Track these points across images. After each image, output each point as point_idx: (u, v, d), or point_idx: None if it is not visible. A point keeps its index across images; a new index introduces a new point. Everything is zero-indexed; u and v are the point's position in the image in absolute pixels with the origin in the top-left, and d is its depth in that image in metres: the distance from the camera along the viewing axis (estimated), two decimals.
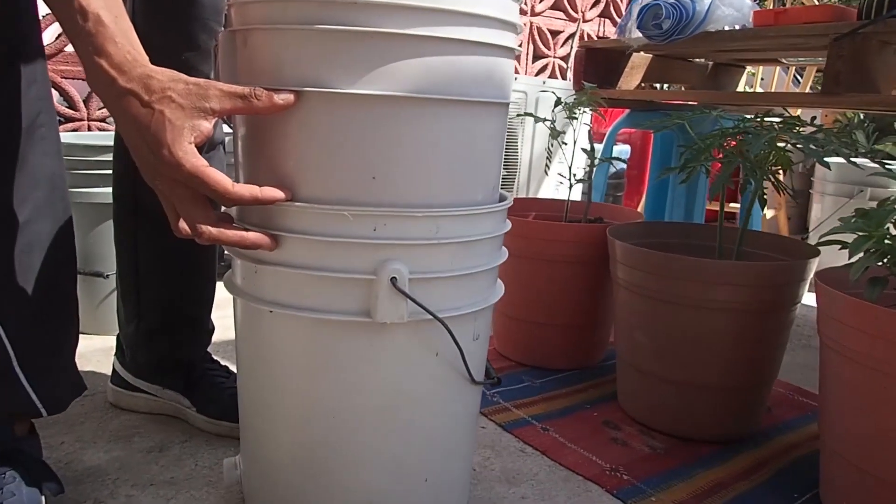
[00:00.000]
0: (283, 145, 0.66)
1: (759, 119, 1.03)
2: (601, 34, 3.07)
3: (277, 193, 0.64)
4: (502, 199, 0.77)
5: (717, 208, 1.12)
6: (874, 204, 1.59)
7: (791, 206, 2.49)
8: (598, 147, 1.53)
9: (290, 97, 0.62)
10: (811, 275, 1.00)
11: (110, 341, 1.27)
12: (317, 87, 0.63)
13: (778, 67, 2.44)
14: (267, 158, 0.67)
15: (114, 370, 1.07)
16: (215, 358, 1.07)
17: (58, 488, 0.77)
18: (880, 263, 0.78)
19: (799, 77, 2.47)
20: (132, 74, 0.58)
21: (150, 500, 0.82)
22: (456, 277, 0.70)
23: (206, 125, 0.59)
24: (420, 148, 0.65)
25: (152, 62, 0.59)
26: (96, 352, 1.26)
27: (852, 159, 0.98)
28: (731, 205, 2.34)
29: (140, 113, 0.58)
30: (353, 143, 0.64)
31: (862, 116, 2.45)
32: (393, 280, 0.65)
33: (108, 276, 1.32)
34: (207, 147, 0.99)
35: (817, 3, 2.05)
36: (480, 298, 0.74)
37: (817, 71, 2.26)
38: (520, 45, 2.05)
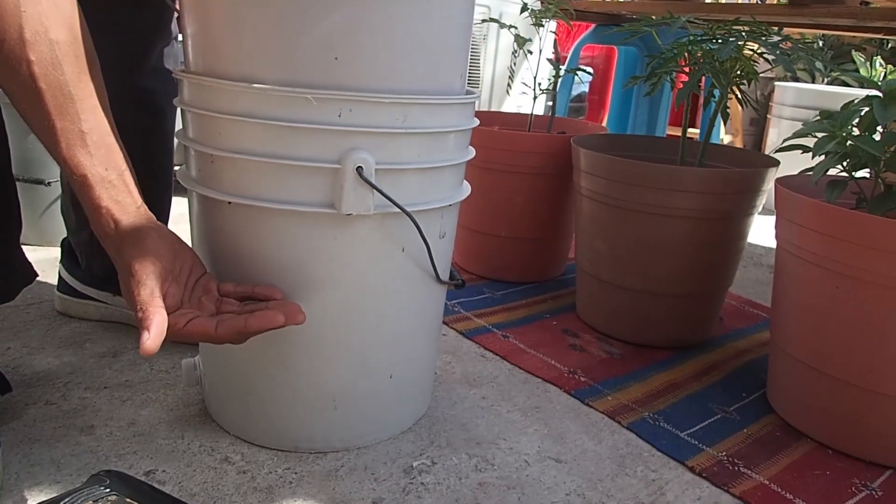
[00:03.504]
0: (237, 23, 0.61)
1: (726, 26, 1.01)
2: None
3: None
4: (469, 93, 0.75)
5: (678, 133, 1.12)
6: None
7: (748, 132, 2.53)
8: (562, 67, 1.50)
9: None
10: (769, 185, 1.01)
11: (55, 252, 1.22)
12: None
13: None
14: (219, 38, 0.63)
15: (60, 278, 1.02)
16: None
17: (5, 386, 0.74)
18: (840, 167, 0.79)
19: None
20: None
21: (105, 401, 0.80)
22: (423, 170, 0.68)
23: None
24: (384, 27, 0.61)
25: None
26: (41, 262, 1.20)
27: (813, 80, 0.97)
28: (691, 130, 2.35)
29: None
30: (311, 18, 0.60)
31: (821, 43, 2.47)
32: (359, 170, 0.62)
33: (49, 183, 1.25)
34: (163, 43, 0.93)
35: None
36: (447, 195, 0.72)
37: None
38: None
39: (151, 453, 0.71)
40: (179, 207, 0.99)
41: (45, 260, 1.22)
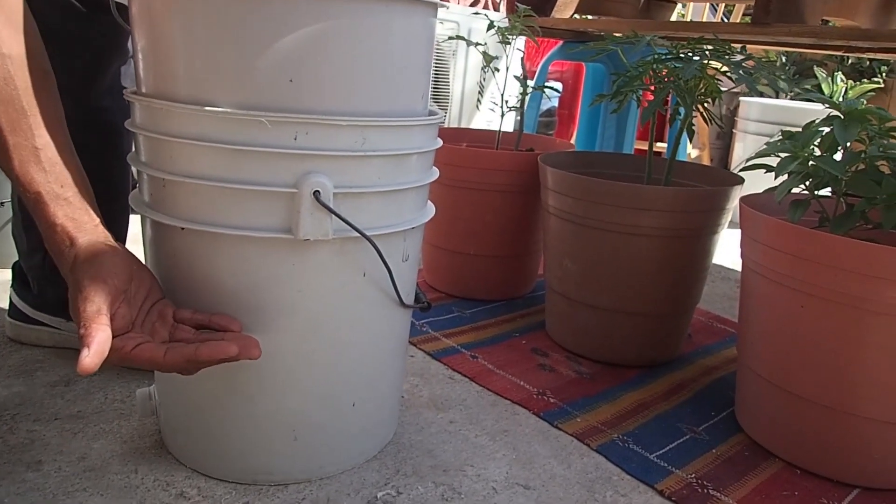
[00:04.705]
0: (188, 45, 0.59)
1: (690, 45, 1.02)
2: None
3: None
4: (432, 114, 0.73)
5: (646, 147, 1.12)
6: None
7: (715, 146, 2.56)
8: (530, 84, 1.50)
9: None
10: (734, 203, 1.02)
11: (7, 274, 1.17)
12: None
13: (707, 6, 2.46)
14: (172, 60, 0.61)
15: (11, 303, 0.98)
16: None
17: None
18: (803, 186, 0.79)
19: (726, 19, 2.50)
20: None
21: (55, 434, 0.77)
22: (384, 193, 0.66)
23: None
24: (340, 48, 0.60)
25: None
26: None
27: (776, 95, 0.99)
28: (658, 144, 2.38)
29: None
30: (264, 40, 0.58)
31: (784, 59, 2.52)
32: (316, 194, 0.61)
33: (2, 203, 1.21)
34: (120, 62, 0.90)
35: None
36: (410, 217, 0.71)
37: (744, 14, 2.29)
38: None
39: (102, 490, 0.68)
40: (135, 227, 0.96)
41: None
